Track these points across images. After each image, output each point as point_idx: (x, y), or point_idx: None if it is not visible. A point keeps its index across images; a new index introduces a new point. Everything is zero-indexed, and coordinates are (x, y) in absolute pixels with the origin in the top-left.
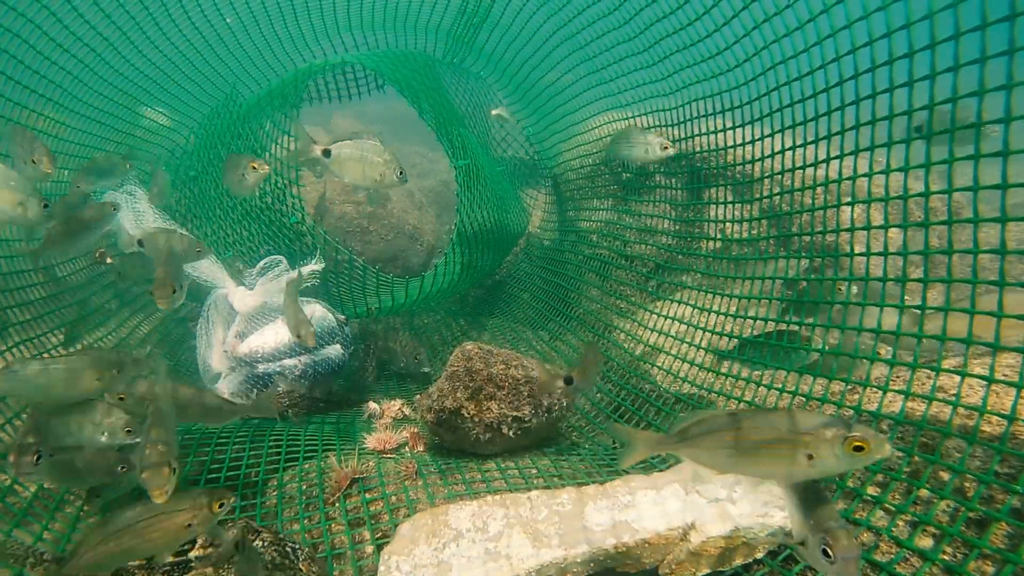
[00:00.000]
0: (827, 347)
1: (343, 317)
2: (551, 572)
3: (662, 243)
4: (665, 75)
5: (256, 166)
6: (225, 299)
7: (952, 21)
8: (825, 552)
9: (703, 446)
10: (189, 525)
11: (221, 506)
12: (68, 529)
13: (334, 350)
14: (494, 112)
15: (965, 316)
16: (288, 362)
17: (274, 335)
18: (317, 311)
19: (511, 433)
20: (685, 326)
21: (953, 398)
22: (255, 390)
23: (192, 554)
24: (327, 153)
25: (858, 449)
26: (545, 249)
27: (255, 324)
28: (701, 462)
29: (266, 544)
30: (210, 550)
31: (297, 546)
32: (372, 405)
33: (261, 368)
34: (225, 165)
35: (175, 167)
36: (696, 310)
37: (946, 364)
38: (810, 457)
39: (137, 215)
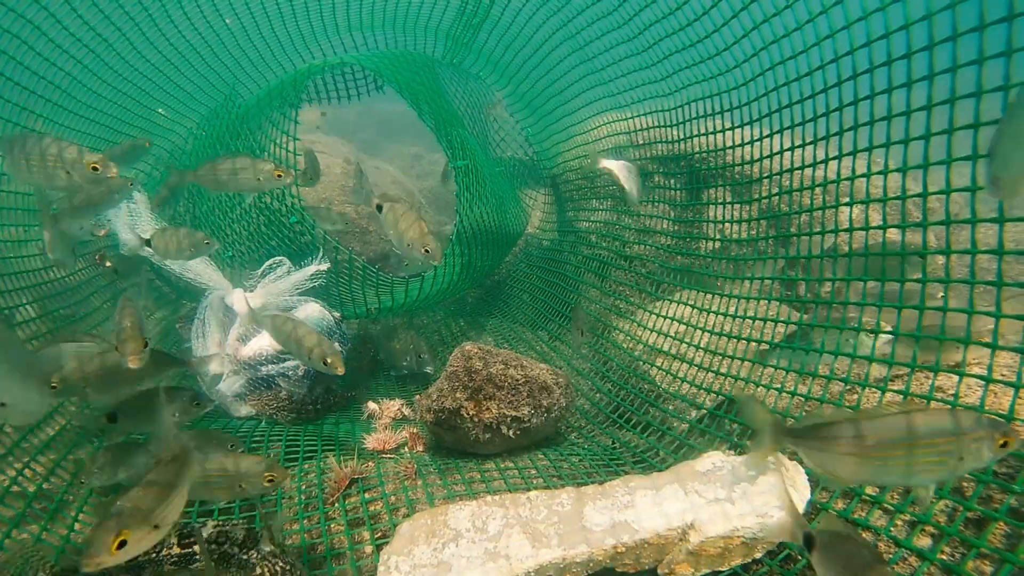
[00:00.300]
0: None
1: (338, 315)
2: (550, 572)
3: (661, 243)
4: (664, 75)
5: (282, 174)
6: (221, 301)
7: (950, 22)
8: None
9: (850, 453)
10: (241, 486)
11: (271, 482)
12: (68, 530)
13: None
14: (491, 111)
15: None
16: (290, 363)
17: None
18: (314, 310)
19: (510, 433)
20: (684, 326)
21: (951, 398)
22: (258, 392)
23: (197, 547)
24: (379, 208)
25: (1003, 445)
26: (544, 249)
27: (256, 326)
28: (830, 469)
29: (258, 557)
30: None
31: (291, 567)
32: (371, 405)
33: (264, 370)
34: (230, 162)
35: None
36: (695, 310)
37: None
38: (961, 458)
39: (133, 214)
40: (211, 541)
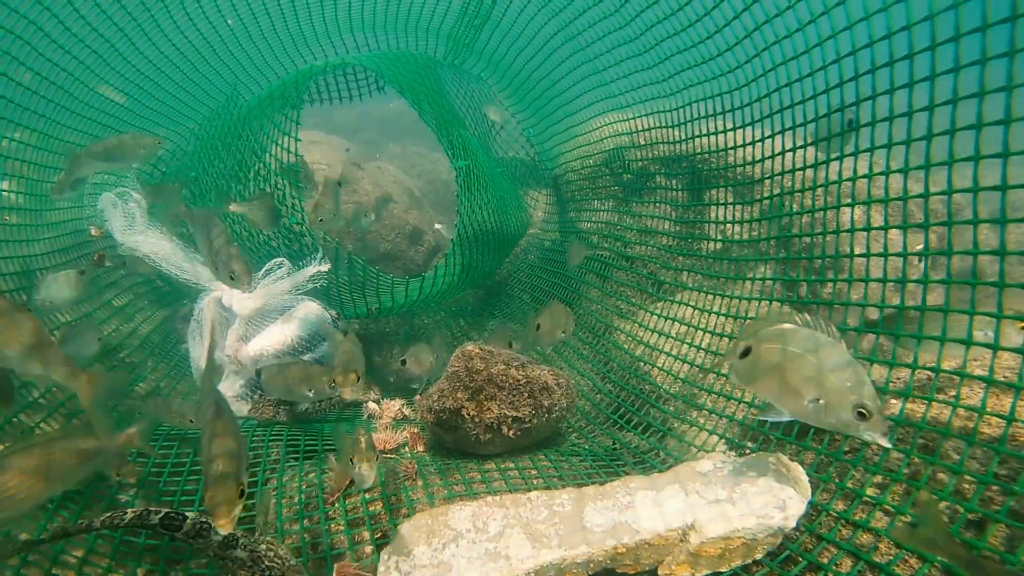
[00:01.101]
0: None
1: (335, 313)
2: (551, 573)
3: (662, 244)
4: (667, 76)
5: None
6: (218, 302)
7: (953, 22)
8: None
9: None
10: (352, 461)
11: (371, 457)
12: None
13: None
14: (491, 115)
15: None
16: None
17: (279, 335)
18: (312, 309)
19: (511, 433)
20: (685, 327)
21: (952, 399)
22: (260, 392)
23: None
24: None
25: None
26: (546, 250)
27: (254, 326)
28: None
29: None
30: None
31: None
32: (372, 405)
33: None
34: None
35: (176, 167)
36: (696, 311)
37: (945, 365)
38: None
39: (127, 218)
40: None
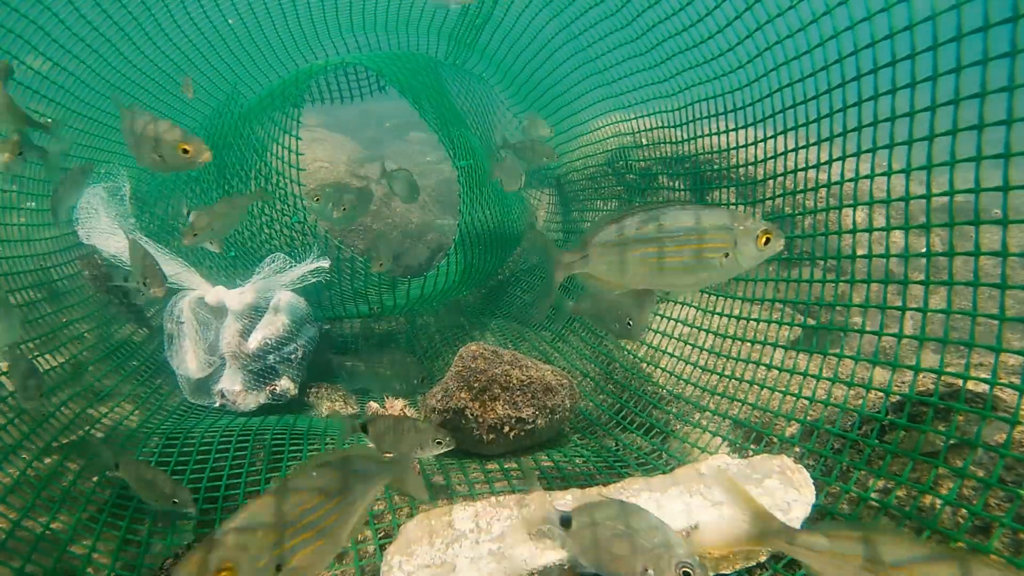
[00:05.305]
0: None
1: (303, 300)
2: (554, 573)
3: None
4: (668, 76)
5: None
6: (199, 302)
7: (955, 22)
8: None
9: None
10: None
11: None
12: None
13: (313, 330)
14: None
15: None
16: (289, 348)
17: (277, 324)
18: (288, 296)
19: (514, 434)
20: (688, 328)
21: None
22: (265, 381)
23: None
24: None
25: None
26: None
27: (249, 320)
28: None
29: None
30: None
31: None
32: (374, 405)
33: (271, 359)
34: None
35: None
36: (699, 312)
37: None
38: (726, 256)
39: (92, 214)
40: None
